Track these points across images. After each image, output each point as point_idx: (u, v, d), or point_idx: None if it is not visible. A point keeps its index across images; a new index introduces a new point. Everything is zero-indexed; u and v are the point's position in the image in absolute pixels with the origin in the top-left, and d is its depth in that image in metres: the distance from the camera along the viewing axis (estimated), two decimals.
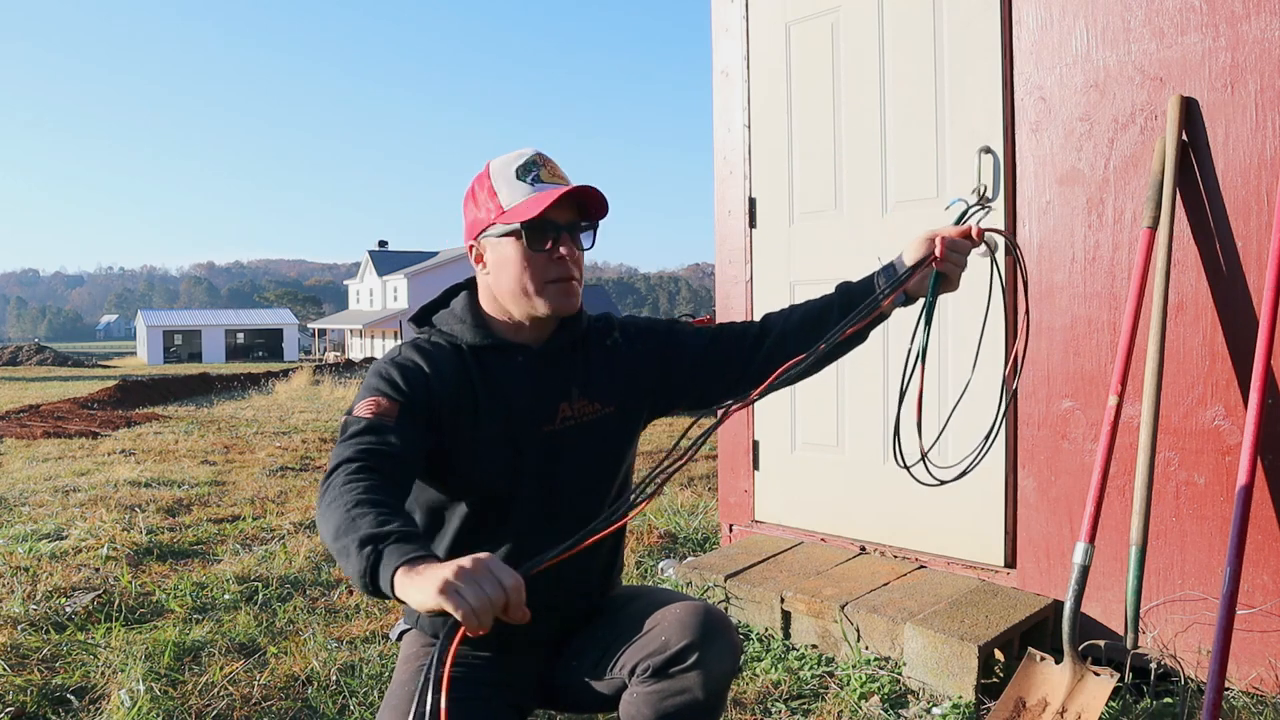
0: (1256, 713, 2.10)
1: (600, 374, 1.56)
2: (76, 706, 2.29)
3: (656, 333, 1.63)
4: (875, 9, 2.92)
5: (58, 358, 39.37)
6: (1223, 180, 2.22)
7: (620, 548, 1.66)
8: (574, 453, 1.52)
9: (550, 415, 1.51)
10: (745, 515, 3.37)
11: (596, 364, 1.57)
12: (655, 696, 1.40)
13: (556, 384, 1.52)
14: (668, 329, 1.64)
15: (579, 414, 1.52)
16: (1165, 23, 2.28)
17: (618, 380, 1.57)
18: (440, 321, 1.55)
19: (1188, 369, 2.28)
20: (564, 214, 1.45)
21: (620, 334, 1.61)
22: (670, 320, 1.67)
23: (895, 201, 2.90)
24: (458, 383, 1.47)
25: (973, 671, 2.23)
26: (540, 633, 1.55)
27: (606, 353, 1.58)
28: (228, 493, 5.33)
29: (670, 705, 1.40)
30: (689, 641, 1.39)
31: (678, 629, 1.40)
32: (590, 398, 1.54)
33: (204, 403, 14.80)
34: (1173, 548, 2.32)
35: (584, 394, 1.53)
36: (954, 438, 2.78)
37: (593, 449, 1.53)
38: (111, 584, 3.24)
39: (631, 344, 1.60)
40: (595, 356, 1.57)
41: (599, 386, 1.55)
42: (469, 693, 1.48)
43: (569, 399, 1.52)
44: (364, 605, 3.09)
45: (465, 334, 1.51)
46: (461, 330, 1.51)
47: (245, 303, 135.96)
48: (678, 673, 1.39)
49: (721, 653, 1.40)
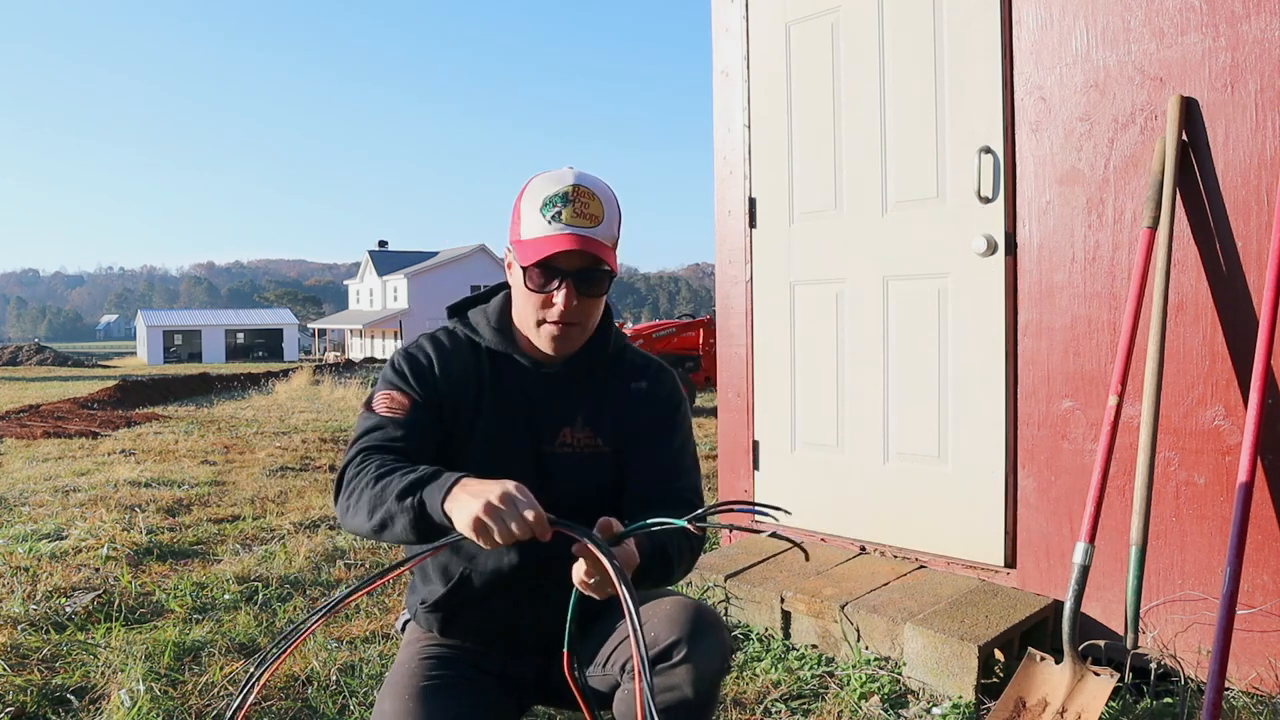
0: (1256, 713, 2.10)
1: (610, 411, 1.53)
2: (76, 706, 2.29)
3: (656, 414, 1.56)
4: (875, 9, 2.92)
5: (58, 358, 39.37)
6: (1223, 180, 2.22)
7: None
8: (565, 482, 1.50)
9: (550, 437, 1.50)
10: (745, 515, 3.36)
11: (612, 400, 1.54)
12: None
13: (563, 406, 1.51)
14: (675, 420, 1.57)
15: (578, 444, 1.51)
16: (1165, 23, 2.28)
17: (621, 425, 1.53)
18: (471, 316, 1.55)
19: (1188, 369, 2.28)
20: (572, 260, 1.40)
21: (647, 386, 1.56)
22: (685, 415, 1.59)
23: (895, 201, 2.90)
24: (465, 379, 1.48)
25: (973, 671, 2.23)
26: (541, 631, 1.56)
27: (628, 395, 1.55)
28: (228, 493, 5.33)
29: (659, 702, 1.40)
30: (676, 638, 1.39)
31: (666, 625, 1.40)
32: (593, 430, 1.52)
33: (204, 403, 14.79)
34: (1173, 548, 2.32)
35: (588, 424, 1.52)
36: (953, 438, 2.78)
37: (583, 483, 1.51)
38: (111, 584, 3.24)
39: (650, 403, 1.56)
40: (613, 392, 1.54)
41: (605, 423, 1.53)
42: (470, 675, 1.49)
43: (572, 425, 1.51)
44: (364, 605, 3.09)
45: (487, 335, 1.52)
46: (485, 331, 1.52)
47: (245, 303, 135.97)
48: (665, 669, 1.39)
49: (710, 650, 1.39)
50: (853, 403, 3.04)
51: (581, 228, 1.39)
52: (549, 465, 1.50)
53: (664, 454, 1.55)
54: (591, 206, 1.41)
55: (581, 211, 1.40)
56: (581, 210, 1.40)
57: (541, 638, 1.57)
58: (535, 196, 1.42)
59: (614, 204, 1.46)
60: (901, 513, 2.91)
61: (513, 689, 1.56)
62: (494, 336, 1.51)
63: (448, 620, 1.55)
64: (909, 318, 2.88)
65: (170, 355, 55.09)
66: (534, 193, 1.43)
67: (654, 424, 1.56)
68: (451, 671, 1.50)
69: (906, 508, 2.90)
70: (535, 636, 1.57)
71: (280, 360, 48.87)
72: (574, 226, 1.39)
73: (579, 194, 1.40)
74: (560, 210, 1.40)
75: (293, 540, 4.01)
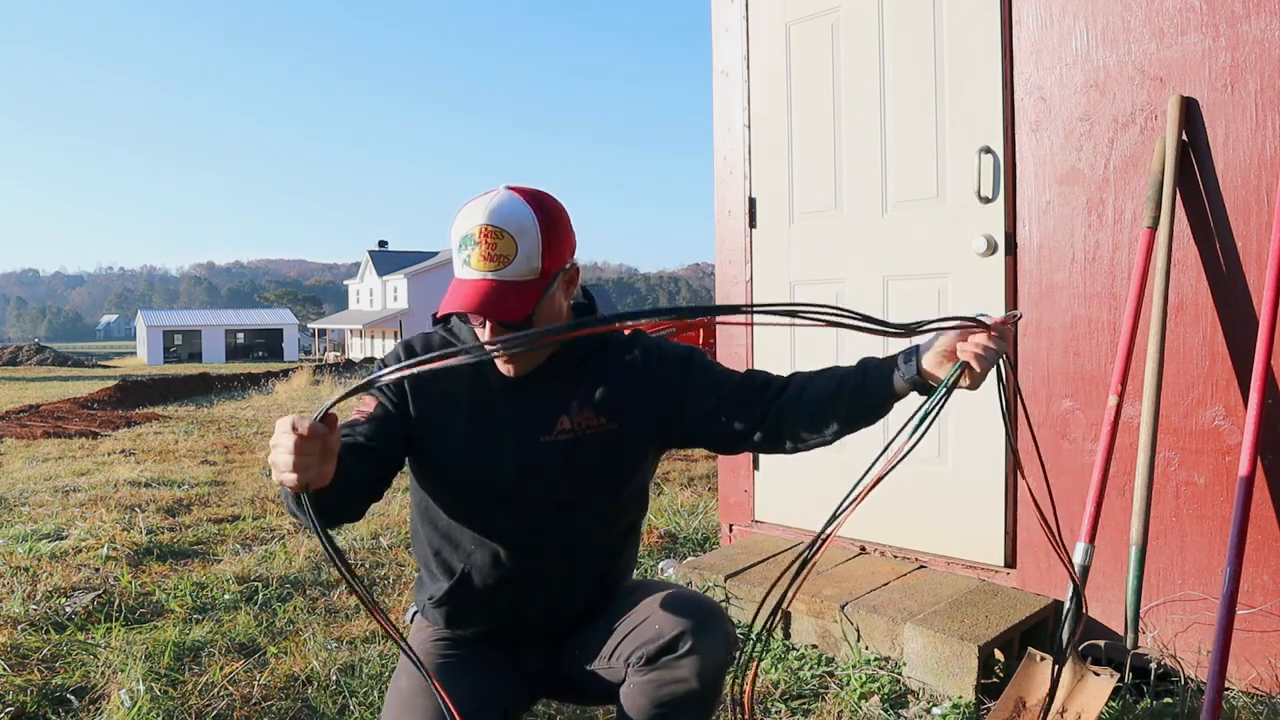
0: (1256, 713, 2.10)
1: (610, 389, 1.53)
2: (76, 706, 2.29)
3: (680, 362, 1.55)
4: (875, 9, 2.92)
5: (58, 358, 39.37)
6: (1223, 180, 2.22)
7: (625, 546, 1.65)
8: (570, 463, 1.50)
9: (548, 426, 1.50)
10: (745, 515, 3.37)
11: (610, 379, 1.53)
12: (650, 685, 1.42)
13: (554, 397, 1.51)
14: (693, 363, 1.56)
15: (579, 426, 1.50)
16: (1165, 23, 2.28)
17: (626, 398, 1.53)
18: (453, 321, 1.55)
19: (1188, 369, 2.28)
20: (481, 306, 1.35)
21: (641, 353, 1.56)
22: (701, 354, 1.58)
23: (895, 201, 2.90)
24: (440, 381, 1.48)
25: (973, 671, 2.23)
26: (547, 627, 1.57)
27: (624, 369, 1.54)
28: (228, 493, 5.33)
29: (665, 694, 1.41)
30: (681, 630, 1.40)
31: (670, 617, 1.42)
32: (595, 410, 1.51)
33: (204, 403, 14.79)
34: (1173, 548, 2.32)
35: (586, 406, 1.51)
36: (953, 438, 2.78)
37: (591, 462, 1.51)
38: (111, 584, 3.24)
39: (649, 366, 1.55)
40: (610, 372, 1.54)
41: (606, 401, 1.52)
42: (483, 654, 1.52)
43: (568, 411, 1.51)
44: (364, 605, 3.09)
45: (465, 336, 1.52)
46: (463, 334, 1.52)
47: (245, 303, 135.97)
48: (670, 661, 1.40)
49: (714, 641, 1.41)
50: None
51: (488, 271, 1.35)
52: (551, 451, 1.49)
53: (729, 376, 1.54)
54: (500, 246, 1.35)
55: (489, 254, 1.35)
56: (488, 253, 1.35)
57: (547, 629, 1.58)
58: (455, 233, 1.40)
59: (533, 230, 1.37)
60: (902, 513, 2.91)
61: (524, 677, 1.57)
62: (471, 337, 1.50)
63: (453, 615, 1.56)
64: (909, 318, 2.87)
65: (170, 355, 55.08)
66: (456, 228, 1.40)
67: (686, 368, 1.55)
68: (464, 651, 1.53)
69: (907, 508, 2.89)
70: (541, 628, 1.57)
71: (280, 360, 48.86)
72: (480, 271, 1.36)
73: (485, 235, 1.35)
74: (469, 254, 1.36)
75: (293, 540, 4.01)
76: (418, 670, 1.25)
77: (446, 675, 1.42)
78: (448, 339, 1.53)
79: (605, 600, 1.60)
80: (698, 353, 1.58)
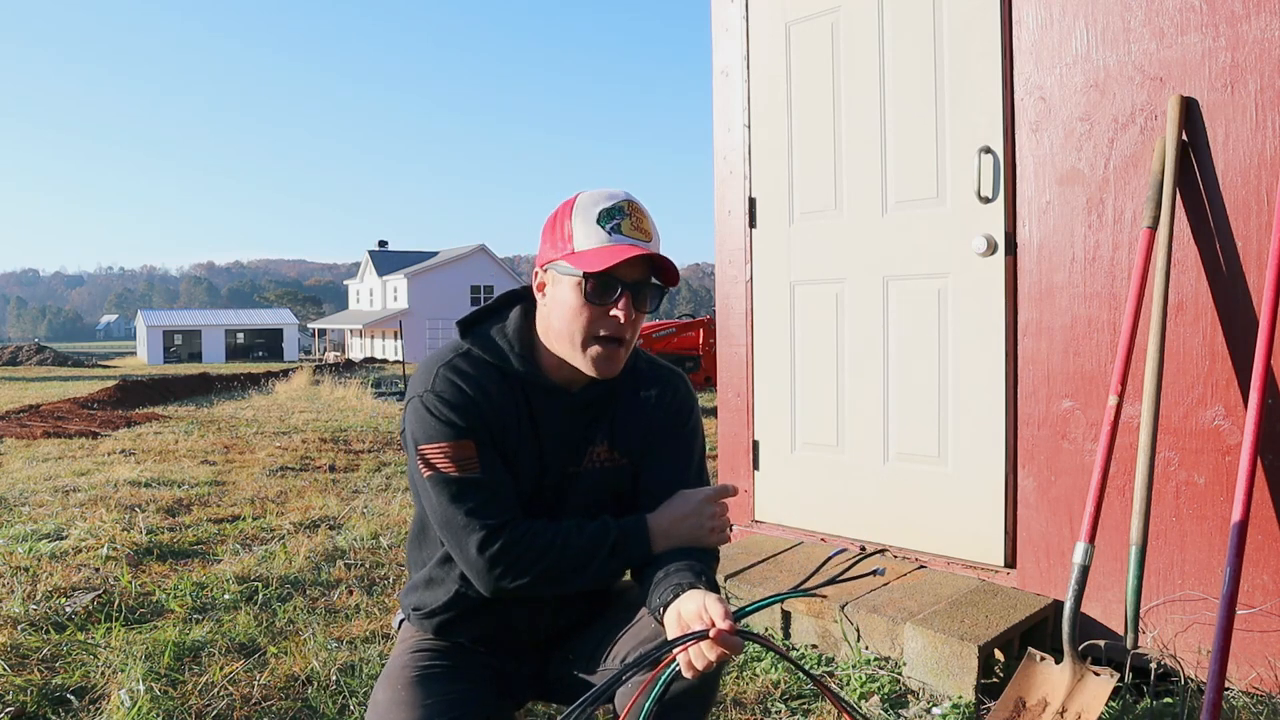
0: (1256, 713, 2.10)
1: (626, 425, 1.53)
2: (76, 706, 2.29)
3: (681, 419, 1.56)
4: (875, 9, 2.92)
5: (58, 358, 39.36)
6: (1223, 180, 2.22)
7: None
8: (589, 496, 1.51)
9: (578, 457, 1.50)
10: (745, 515, 3.37)
11: (626, 414, 1.54)
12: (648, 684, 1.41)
13: (588, 427, 1.51)
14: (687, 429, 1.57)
15: (602, 461, 1.52)
16: (1165, 23, 2.28)
17: (637, 436, 1.53)
18: (493, 336, 1.50)
19: (1188, 369, 2.28)
20: (632, 271, 1.39)
21: (656, 395, 1.56)
22: (698, 424, 1.59)
23: (895, 201, 2.90)
24: (504, 408, 1.45)
25: (973, 671, 2.23)
26: (539, 629, 1.56)
27: (640, 406, 1.55)
28: (228, 493, 5.33)
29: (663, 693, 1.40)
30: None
31: None
32: (613, 446, 1.53)
33: (204, 403, 14.79)
34: (1173, 548, 2.32)
35: (608, 441, 1.52)
36: (953, 438, 2.78)
37: (604, 497, 1.52)
38: (111, 584, 3.24)
39: (659, 411, 1.55)
40: (627, 406, 1.54)
41: (623, 437, 1.53)
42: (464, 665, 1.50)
43: (595, 444, 1.52)
44: (364, 605, 3.09)
45: (514, 362, 1.47)
46: (511, 357, 1.47)
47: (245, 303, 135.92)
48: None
49: None
50: (853, 403, 3.04)
51: (642, 240, 1.40)
52: (578, 483, 1.50)
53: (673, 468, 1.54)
54: (644, 223, 1.42)
55: (638, 225, 1.41)
56: (638, 224, 1.41)
57: (538, 639, 1.57)
58: (588, 210, 1.40)
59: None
60: (901, 513, 2.91)
61: (509, 683, 1.56)
62: (520, 363, 1.47)
63: (444, 625, 1.55)
64: (909, 318, 2.88)
65: (170, 355, 55.09)
66: (585, 206, 1.41)
67: (665, 433, 1.56)
68: (446, 661, 1.50)
69: (906, 508, 2.90)
70: (531, 639, 1.57)
71: (280, 360, 48.88)
72: (632, 239, 1.39)
73: (634, 209, 1.41)
74: (619, 222, 1.39)
75: (293, 540, 4.01)
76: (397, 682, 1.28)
77: (425, 686, 1.41)
78: (491, 359, 1.47)
79: (599, 607, 1.60)
80: (696, 419, 1.59)
